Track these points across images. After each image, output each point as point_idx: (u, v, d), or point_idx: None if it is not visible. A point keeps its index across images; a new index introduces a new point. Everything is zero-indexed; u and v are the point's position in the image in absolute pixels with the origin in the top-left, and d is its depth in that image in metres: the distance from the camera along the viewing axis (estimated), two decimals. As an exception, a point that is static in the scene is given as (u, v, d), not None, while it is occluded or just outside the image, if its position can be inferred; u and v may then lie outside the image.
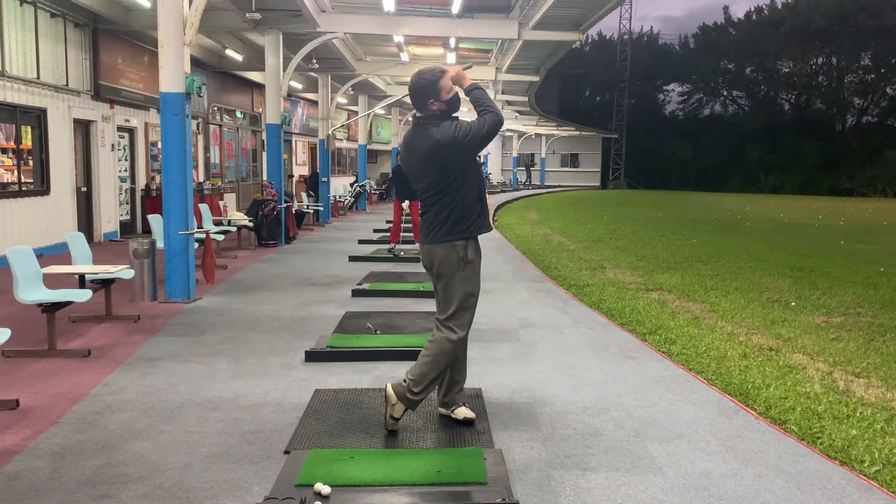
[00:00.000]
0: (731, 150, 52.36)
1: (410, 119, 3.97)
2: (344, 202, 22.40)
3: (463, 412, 4.06)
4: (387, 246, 12.16)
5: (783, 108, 57.10)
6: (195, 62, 15.52)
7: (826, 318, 7.44)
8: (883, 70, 52.12)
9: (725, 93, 60.32)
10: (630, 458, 3.66)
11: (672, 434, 3.99)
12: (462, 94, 4.00)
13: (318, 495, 3.12)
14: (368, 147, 26.93)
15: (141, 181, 14.59)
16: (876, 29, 48.22)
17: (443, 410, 4.16)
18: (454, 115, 4.00)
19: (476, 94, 3.92)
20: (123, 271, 6.57)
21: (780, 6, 55.14)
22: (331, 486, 3.18)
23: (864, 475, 3.54)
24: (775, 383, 4.94)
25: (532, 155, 51.62)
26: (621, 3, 13.20)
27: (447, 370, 4.00)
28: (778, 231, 18.76)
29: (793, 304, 8.14)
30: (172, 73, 7.49)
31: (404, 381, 3.87)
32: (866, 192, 46.20)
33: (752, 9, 58.08)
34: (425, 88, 3.88)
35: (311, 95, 23.63)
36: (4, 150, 10.43)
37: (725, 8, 78.37)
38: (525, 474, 3.45)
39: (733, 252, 13.10)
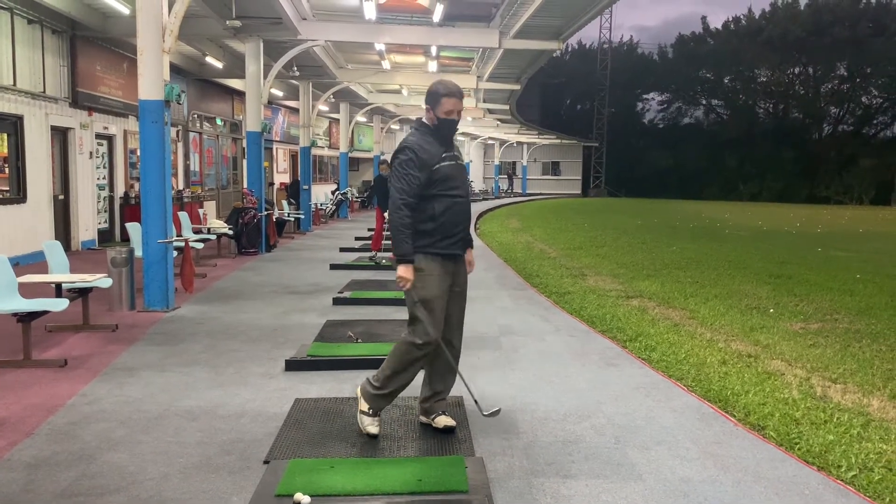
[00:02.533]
0: (710, 158, 52.95)
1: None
2: (325, 210, 22.33)
3: (443, 420, 4.05)
4: (368, 254, 12.14)
5: (761, 116, 57.81)
6: (175, 69, 15.44)
7: (804, 324, 7.52)
8: (858, 80, 53.03)
9: (704, 101, 60.98)
10: (610, 465, 3.66)
11: (652, 441, 4.01)
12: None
13: (298, 505, 3.10)
14: (350, 155, 26.88)
15: (119, 189, 14.46)
16: (851, 39, 49.07)
17: (423, 419, 4.15)
18: (447, 136, 4.03)
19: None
20: (101, 280, 6.50)
21: (757, 16, 55.92)
22: (311, 496, 3.16)
23: (842, 480, 3.57)
24: (754, 389, 4.98)
25: (513, 163, 51.87)
26: (600, 13, 13.30)
27: (410, 375, 3.96)
28: (756, 238, 18.96)
29: (771, 310, 8.22)
30: (151, 81, 7.44)
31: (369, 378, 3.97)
32: (843, 200, 46.88)
33: (730, 18, 58.92)
34: (432, 94, 4.01)
35: (291, 103, 23.58)
36: (-20, 158, 10.31)
37: (703, 18, 79.60)
38: (506, 482, 3.45)
39: (712, 259, 13.21)
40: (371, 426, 3.93)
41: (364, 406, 3.98)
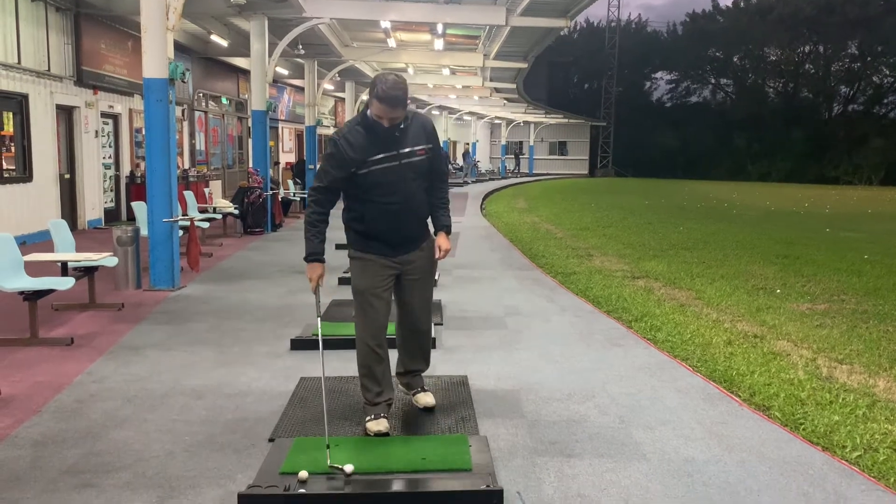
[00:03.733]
0: (718, 137, 52.53)
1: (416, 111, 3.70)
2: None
3: (423, 399, 4.02)
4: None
5: (770, 95, 57.28)
6: (180, 48, 15.36)
7: (811, 305, 7.49)
8: (869, 58, 52.35)
9: (713, 80, 60.41)
10: (615, 445, 3.66)
11: (657, 421, 4.00)
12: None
13: (303, 483, 3.10)
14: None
15: (125, 168, 14.46)
16: (862, 18, 48.40)
17: (404, 392, 4.14)
18: (383, 136, 3.61)
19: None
20: (107, 259, 6.51)
21: (767, -6, 55.24)
22: (315, 474, 3.16)
23: (846, 460, 3.56)
24: (759, 370, 4.97)
25: (520, 143, 51.60)
26: (609, -11, 13.14)
27: (364, 368, 3.85)
28: (764, 219, 18.86)
29: (778, 291, 8.19)
30: (156, 59, 7.40)
31: None
32: (852, 180, 46.47)
33: (741, -4, 58.08)
34: (371, 85, 3.57)
35: (297, 82, 23.46)
36: (-15, 137, 10.31)
37: (713, -5, 78.45)
38: (510, 461, 3.45)
39: (720, 239, 13.16)
40: (371, 423, 3.74)
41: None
